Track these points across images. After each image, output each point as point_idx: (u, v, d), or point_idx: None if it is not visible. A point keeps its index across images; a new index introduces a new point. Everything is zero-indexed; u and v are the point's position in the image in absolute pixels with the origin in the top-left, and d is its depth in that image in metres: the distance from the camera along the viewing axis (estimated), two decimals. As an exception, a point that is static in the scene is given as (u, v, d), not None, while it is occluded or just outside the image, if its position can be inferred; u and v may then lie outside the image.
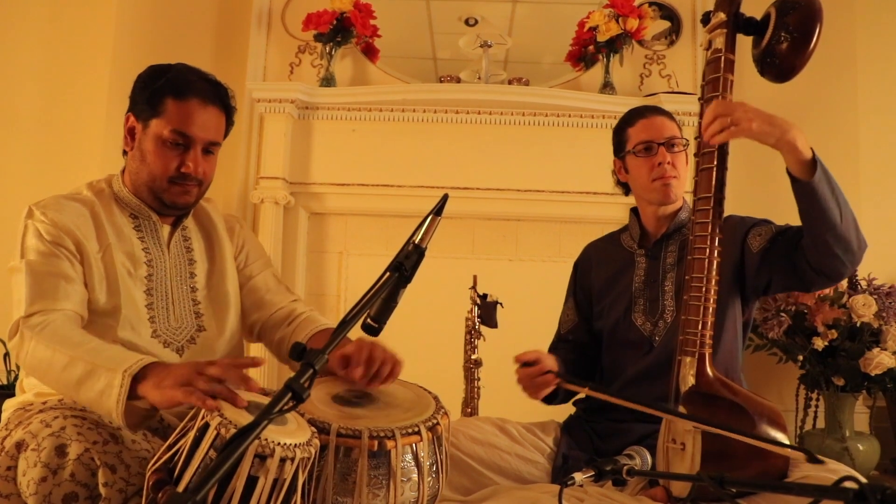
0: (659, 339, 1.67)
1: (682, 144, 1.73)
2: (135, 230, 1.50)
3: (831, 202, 1.38)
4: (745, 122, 1.34)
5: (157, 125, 1.45)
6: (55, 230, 1.39)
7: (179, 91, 1.45)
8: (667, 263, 1.72)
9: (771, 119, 1.35)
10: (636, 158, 1.74)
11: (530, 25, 3.57)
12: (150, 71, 1.51)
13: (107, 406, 1.17)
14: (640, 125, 1.74)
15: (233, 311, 1.59)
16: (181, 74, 1.48)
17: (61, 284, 1.35)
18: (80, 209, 1.45)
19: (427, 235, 1.12)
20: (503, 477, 1.60)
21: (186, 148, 1.46)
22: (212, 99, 1.48)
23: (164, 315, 1.48)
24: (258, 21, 3.30)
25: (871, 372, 2.63)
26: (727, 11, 1.43)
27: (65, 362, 1.22)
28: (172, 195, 1.48)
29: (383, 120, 3.19)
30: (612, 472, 1.11)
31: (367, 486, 1.15)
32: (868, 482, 0.72)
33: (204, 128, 1.47)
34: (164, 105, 1.45)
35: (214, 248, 1.62)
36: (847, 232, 1.42)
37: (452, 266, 3.01)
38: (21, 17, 3.48)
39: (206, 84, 1.49)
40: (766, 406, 1.35)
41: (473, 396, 2.32)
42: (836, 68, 3.24)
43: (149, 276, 1.48)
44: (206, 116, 1.47)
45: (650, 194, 1.74)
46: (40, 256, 1.37)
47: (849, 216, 1.42)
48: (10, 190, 3.32)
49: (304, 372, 0.91)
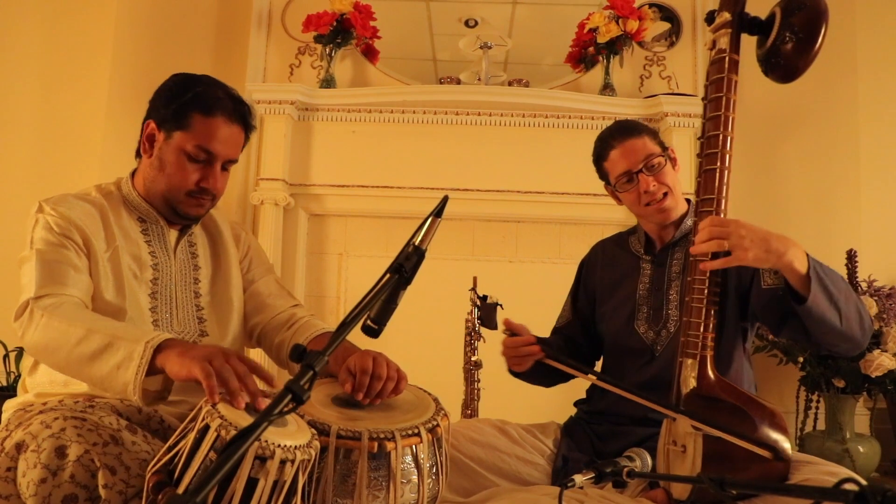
0: (661, 349, 1.65)
1: (662, 158, 1.67)
2: (142, 234, 1.52)
3: (829, 312, 1.35)
4: (741, 251, 1.30)
5: (182, 138, 1.45)
6: (64, 223, 1.40)
7: (207, 107, 1.45)
8: (672, 272, 1.70)
9: (766, 244, 1.30)
10: (622, 190, 1.70)
11: (530, 27, 3.57)
12: (176, 81, 1.50)
13: (122, 379, 1.17)
14: (613, 157, 1.70)
15: (235, 317, 1.60)
16: (209, 90, 1.48)
17: (70, 272, 1.37)
18: (89, 209, 1.46)
19: (427, 237, 1.12)
20: (503, 478, 1.60)
21: (208, 163, 1.47)
22: (236, 117, 1.49)
23: (167, 319, 1.49)
24: (258, 22, 3.31)
25: (872, 374, 2.63)
26: (732, 11, 1.41)
27: (81, 335, 1.23)
28: (187, 207, 1.50)
29: (383, 121, 3.19)
30: (612, 473, 1.11)
31: (367, 487, 1.15)
32: (868, 484, 0.72)
33: (227, 145, 1.48)
34: (190, 119, 1.45)
35: (220, 255, 1.63)
36: (849, 329, 1.39)
37: (452, 267, 3.01)
38: (21, 17, 3.48)
39: (232, 102, 1.49)
40: (767, 408, 1.35)
41: (473, 398, 2.31)
42: (837, 70, 3.24)
43: (154, 280, 1.50)
44: (230, 133, 1.48)
45: (647, 218, 1.73)
46: (49, 246, 1.38)
47: (850, 312, 1.38)
48: (10, 190, 3.33)
49: (303, 374, 0.91)
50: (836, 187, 3.24)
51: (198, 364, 1.10)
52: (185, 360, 1.13)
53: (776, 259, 1.32)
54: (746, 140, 3.05)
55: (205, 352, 1.14)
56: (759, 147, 3.21)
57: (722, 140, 1.41)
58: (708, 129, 1.44)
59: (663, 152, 1.69)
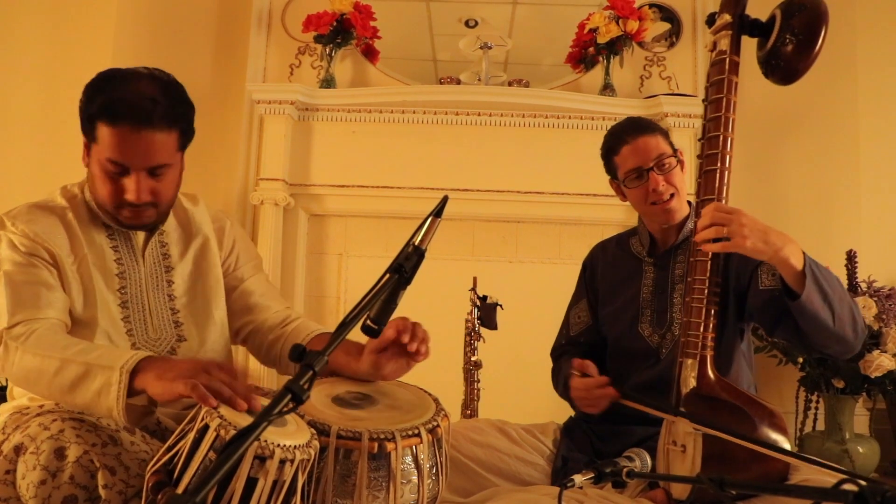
0: (666, 352, 1.65)
1: (673, 159, 1.67)
2: (108, 238, 1.45)
3: (822, 310, 1.36)
4: (740, 238, 1.31)
5: (97, 150, 1.34)
6: (28, 241, 1.35)
7: (112, 117, 1.29)
8: (675, 275, 1.69)
9: (765, 236, 1.33)
10: (630, 186, 1.69)
11: (530, 27, 3.57)
12: (91, 84, 1.35)
13: (105, 405, 1.16)
14: (625, 152, 1.68)
15: (216, 318, 1.53)
16: (119, 94, 1.30)
17: (42, 292, 1.32)
18: (52, 220, 1.40)
19: (427, 237, 1.12)
20: (503, 479, 1.60)
21: (128, 173, 1.34)
22: (152, 121, 1.30)
23: (141, 327, 1.44)
24: (258, 22, 3.30)
25: (871, 374, 2.63)
26: (732, 13, 1.42)
27: (56, 367, 1.20)
28: (125, 218, 1.40)
29: (383, 121, 3.19)
30: (611, 473, 1.11)
31: (367, 487, 1.15)
32: (868, 484, 0.72)
33: (140, 154, 1.32)
34: (98, 131, 1.32)
35: (197, 253, 1.55)
36: (842, 330, 1.40)
37: (452, 268, 3.01)
38: (21, 17, 3.48)
39: (148, 103, 1.30)
40: (767, 408, 1.35)
41: (473, 398, 2.32)
42: (837, 70, 3.24)
43: (122, 289, 1.43)
44: (144, 140, 1.31)
45: (651, 217, 1.72)
46: (17, 266, 1.32)
47: (843, 313, 1.39)
48: (10, 190, 3.32)
49: (303, 373, 0.90)
50: (835, 188, 3.24)
51: (181, 382, 1.08)
52: (166, 383, 1.11)
53: (773, 252, 1.33)
54: (746, 141, 3.05)
55: (183, 368, 1.11)
56: (759, 148, 3.21)
57: (722, 141, 1.42)
58: (708, 130, 1.44)
59: (674, 153, 1.68)
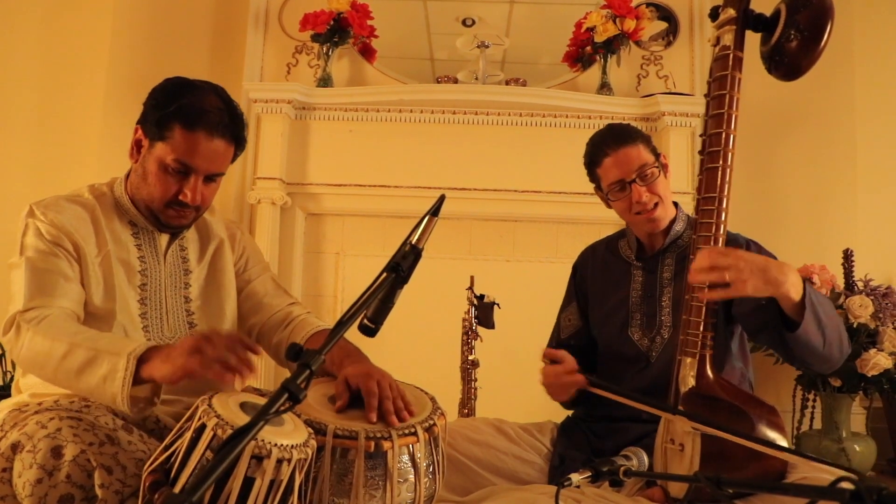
0: (656, 355, 1.65)
1: (656, 169, 1.65)
2: (132, 237, 1.51)
3: (815, 337, 1.36)
4: (740, 284, 1.28)
5: (162, 149, 1.41)
6: (55, 230, 1.40)
7: (190, 121, 1.39)
8: (664, 278, 1.70)
9: (765, 274, 1.29)
10: (613, 199, 1.68)
11: (527, 26, 3.57)
12: (166, 87, 1.45)
13: (111, 391, 1.18)
14: (607, 164, 1.67)
15: (228, 321, 1.59)
16: (197, 101, 1.41)
17: (59, 282, 1.36)
18: (81, 212, 1.45)
19: (424, 236, 1.12)
20: (500, 477, 1.60)
21: (187, 175, 1.43)
22: (221, 131, 1.42)
23: (157, 324, 1.49)
24: (255, 21, 3.30)
25: (868, 373, 2.63)
26: (737, 7, 1.40)
27: (64, 350, 1.24)
28: (168, 218, 1.47)
29: (380, 120, 3.19)
30: (609, 472, 1.11)
31: (364, 486, 1.15)
32: (864, 482, 0.72)
33: (208, 159, 1.42)
34: (171, 131, 1.40)
35: (212, 258, 1.61)
36: (829, 352, 1.41)
37: (449, 267, 3.01)
38: (18, 18, 3.47)
39: (220, 115, 1.42)
40: (765, 406, 1.35)
41: (470, 397, 2.32)
42: (834, 70, 3.25)
43: (143, 286, 1.49)
44: (213, 148, 1.42)
45: (637, 226, 1.72)
46: (39, 254, 1.38)
47: (832, 337, 1.40)
48: (8, 191, 3.32)
49: (300, 373, 0.90)
50: (832, 187, 3.24)
51: (189, 359, 1.12)
52: (175, 362, 1.15)
53: (774, 289, 1.30)
54: (743, 139, 3.04)
55: (186, 346, 1.15)
56: (756, 147, 3.21)
57: (724, 138, 1.40)
58: (710, 126, 1.42)
59: (656, 160, 1.67)
